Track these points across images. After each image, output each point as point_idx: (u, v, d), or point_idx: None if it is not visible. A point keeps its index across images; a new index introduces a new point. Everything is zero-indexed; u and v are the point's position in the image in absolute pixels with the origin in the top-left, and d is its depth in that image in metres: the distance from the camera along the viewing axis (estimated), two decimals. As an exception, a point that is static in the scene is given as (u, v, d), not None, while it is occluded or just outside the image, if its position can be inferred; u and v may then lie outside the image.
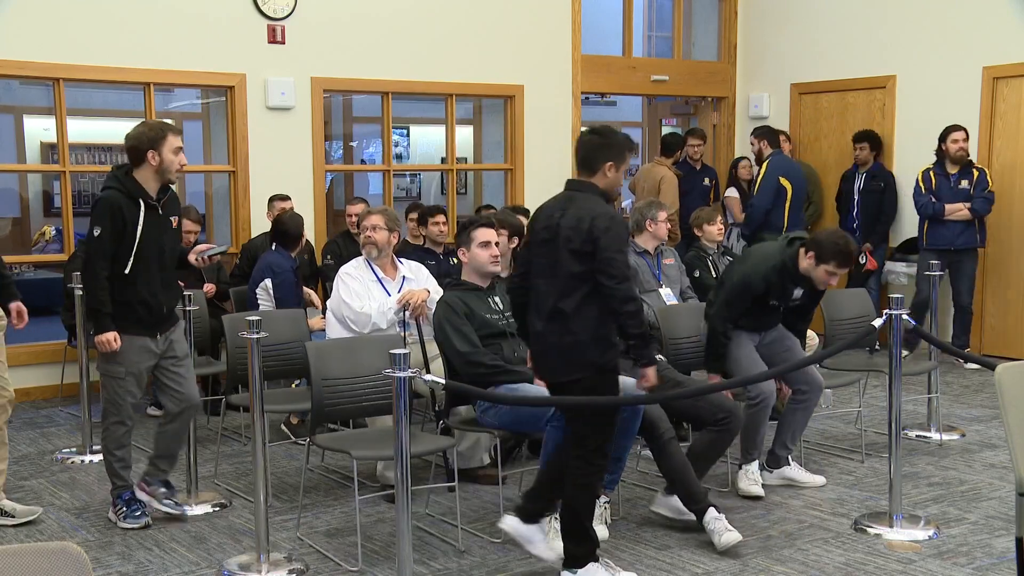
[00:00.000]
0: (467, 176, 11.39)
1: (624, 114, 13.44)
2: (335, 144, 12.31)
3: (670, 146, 9.51)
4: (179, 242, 4.89)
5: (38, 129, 10.30)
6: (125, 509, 4.70)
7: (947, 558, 4.27)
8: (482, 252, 4.82)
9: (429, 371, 5.20)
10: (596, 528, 4.11)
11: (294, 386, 6.13)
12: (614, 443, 4.35)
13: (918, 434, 6.12)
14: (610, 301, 3.81)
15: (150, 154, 4.51)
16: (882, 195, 8.69)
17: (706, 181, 9.65)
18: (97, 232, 4.47)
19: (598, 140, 3.98)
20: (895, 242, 8.83)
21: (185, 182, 9.17)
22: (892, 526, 4.56)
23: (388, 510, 4.83)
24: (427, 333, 5.30)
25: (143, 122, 4.77)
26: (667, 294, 6.13)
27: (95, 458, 5.75)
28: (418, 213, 7.26)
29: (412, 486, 3.59)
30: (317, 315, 6.36)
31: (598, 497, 4.16)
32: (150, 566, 4.25)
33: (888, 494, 4.66)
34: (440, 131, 9.80)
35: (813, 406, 5.14)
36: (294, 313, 5.72)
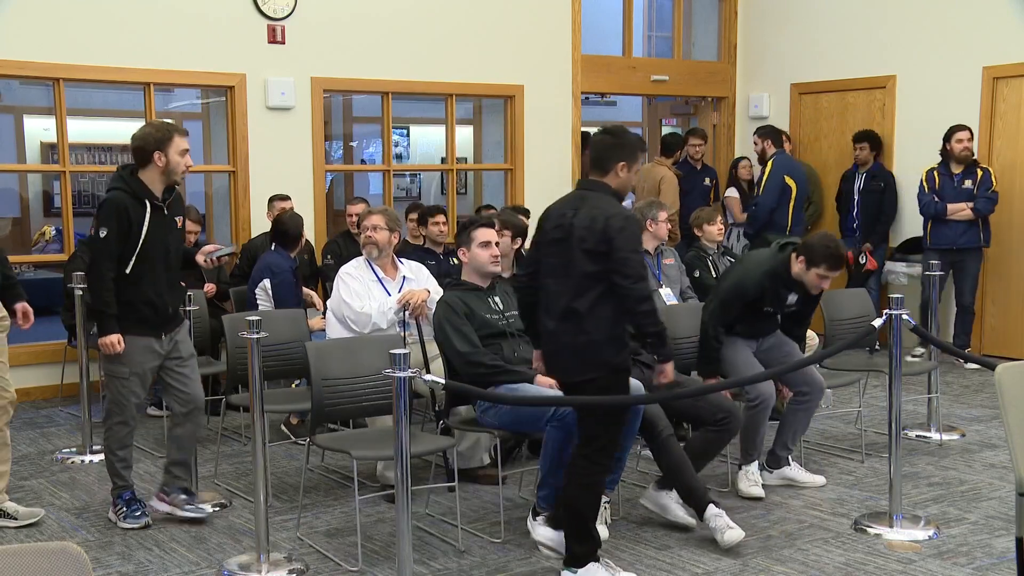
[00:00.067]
0: (467, 176, 11.39)
1: (624, 114, 13.42)
2: (335, 144, 12.31)
3: (670, 146, 9.52)
4: (183, 242, 4.88)
5: (38, 129, 10.30)
6: (125, 509, 4.70)
7: (947, 558, 4.27)
8: (482, 252, 4.82)
9: (429, 371, 5.20)
10: (597, 528, 4.11)
11: (294, 386, 6.12)
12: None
13: (918, 434, 6.12)
14: (626, 301, 3.82)
15: (156, 155, 4.49)
16: (882, 195, 8.69)
17: (706, 181, 9.66)
18: (103, 233, 4.45)
19: (611, 140, 3.97)
20: (895, 242, 8.83)
21: (185, 182, 9.06)
22: (892, 526, 4.56)
23: (388, 510, 4.84)
24: (427, 333, 5.30)
25: (150, 122, 4.75)
26: (667, 294, 6.13)
27: (95, 458, 5.76)
28: (418, 213, 7.26)
29: (412, 486, 3.59)
30: (317, 316, 6.36)
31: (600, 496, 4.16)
32: (150, 566, 4.25)
33: (888, 494, 4.66)
34: (440, 131, 9.80)
35: (814, 407, 5.14)
36: (294, 313, 5.72)
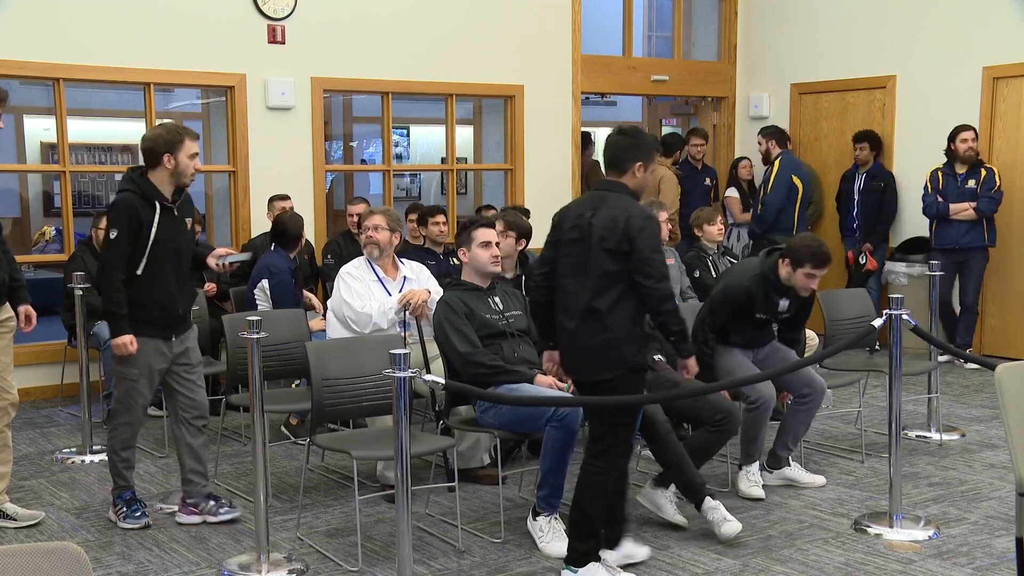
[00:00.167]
0: (467, 176, 11.38)
1: (624, 114, 13.39)
2: (335, 144, 12.31)
3: (670, 146, 9.52)
4: (194, 243, 4.87)
5: (38, 129, 10.28)
6: (125, 509, 4.70)
7: (947, 558, 4.27)
8: (482, 252, 4.82)
9: (429, 371, 5.20)
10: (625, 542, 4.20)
11: (294, 386, 6.12)
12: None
13: (918, 434, 6.12)
14: (649, 300, 3.85)
15: (166, 158, 4.48)
16: (882, 195, 8.70)
17: (707, 181, 9.67)
18: (113, 235, 4.45)
19: (627, 141, 3.99)
20: (895, 242, 8.83)
21: (186, 182, 9.14)
22: (892, 526, 4.56)
23: (388, 510, 4.84)
24: (427, 333, 5.30)
25: (161, 124, 4.74)
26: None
27: (95, 458, 5.76)
28: (418, 213, 7.26)
29: (412, 486, 3.59)
30: (316, 318, 6.36)
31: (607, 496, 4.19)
32: (150, 566, 4.25)
33: (888, 494, 4.66)
34: (440, 131, 9.79)
35: (816, 408, 5.14)
36: (294, 313, 5.71)
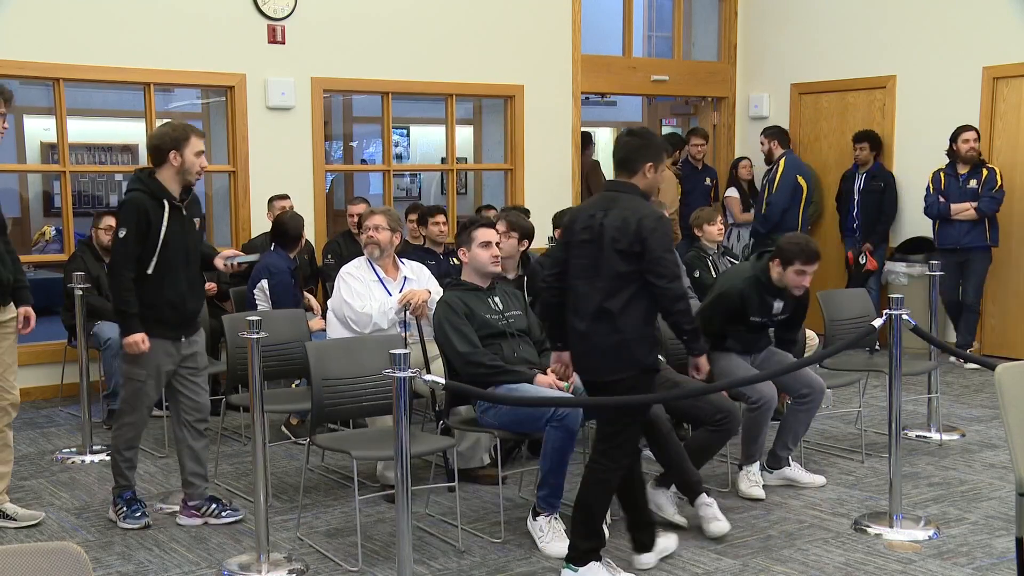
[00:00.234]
0: (467, 176, 11.38)
1: (624, 114, 13.40)
2: (335, 144, 12.30)
3: (670, 146, 9.52)
4: (202, 243, 4.87)
5: (38, 129, 10.28)
6: (125, 509, 4.70)
7: (947, 558, 4.27)
8: (482, 252, 4.82)
9: (429, 371, 5.20)
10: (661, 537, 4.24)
11: (294, 386, 6.12)
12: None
13: (918, 434, 6.12)
14: (662, 300, 3.88)
15: (172, 155, 4.48)
16: (882, 195, 8.70)
17: (707, 181, 9.67)
18: (122, 234, 4.44)
19: (638, 142, 4.04)
20: (895, 242, 8.83)
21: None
22: (892, 526, 4.56)
23: (388, 510, 4.83)
24: (428, 333, 5.30)
25: (167, 122, 4.73)
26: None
27: (95, 458, 5.77)
28: (418, 213, 7.25)
29: (412, 486, 3.59)
30: (315, 319, 6.36)
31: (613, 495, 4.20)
32: (150, 566, 4.25)
33: (888, 494, 4.66)
34: (440, 131, 9.79)
35: (816, 408, 5.14)
36: (294, 313, 5.71)
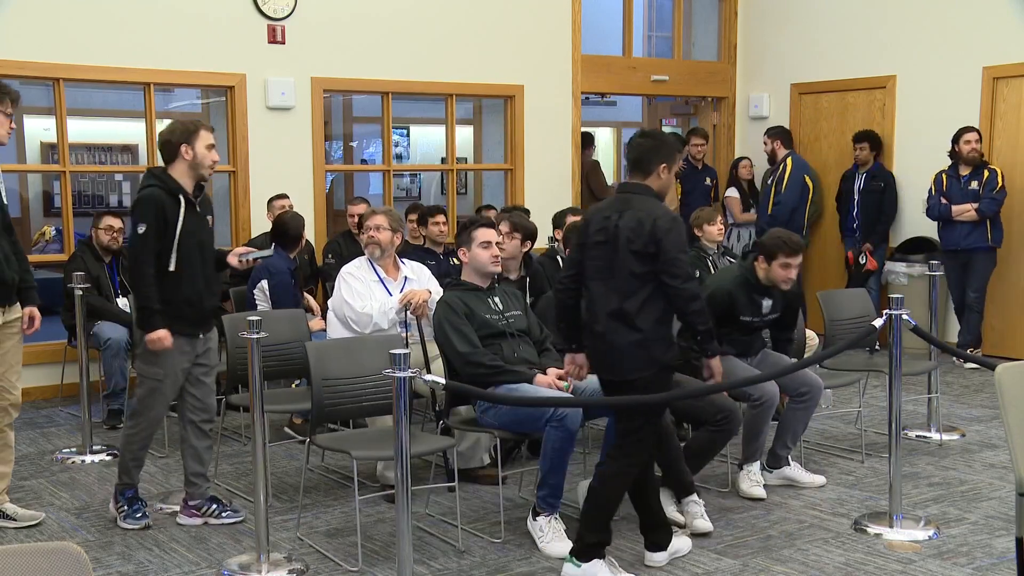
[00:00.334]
0: (467, 176, 11.38)
1: (624, 114, 13.40)
2: (335, 144, 12.30)
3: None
4: (214, 241, 4.86)
5: (38, 129, 10.27)
6: (127, 508, 4.69)
7: (947, 558, 4.27)
8: (482, 252, 4.81)
9: (429, 371, 5.20)
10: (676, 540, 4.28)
11: (294, 386, 6.12)
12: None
13: (918, 434, 6.12)
14: (676, 300, 3.91)
15: (183, 148, 4.48)
16: (882, 195, 8.70)
17: (707, 181, 9.67)
18: (142, 230, 4.41)
19: (651, 143, 4.08)
20: (895, 242, 8.83)
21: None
22: (892, 526, 4.56)
23: (388, 510, 4.83)
24: (428, 333, 5.30)
25: (176, 120, 4.75)
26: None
27: (95, 458, 5.77)
28: (418, 213, 7.26)
29: (412, 486, 3.60)
30: (315, 319, 6.36)
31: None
32: (150, 566, 4.25)
33: (888, 494, 4.66)
34: (440, 131, 9.79)
35: (814, 406, 5.15)
36: (294, 313, 5.71)
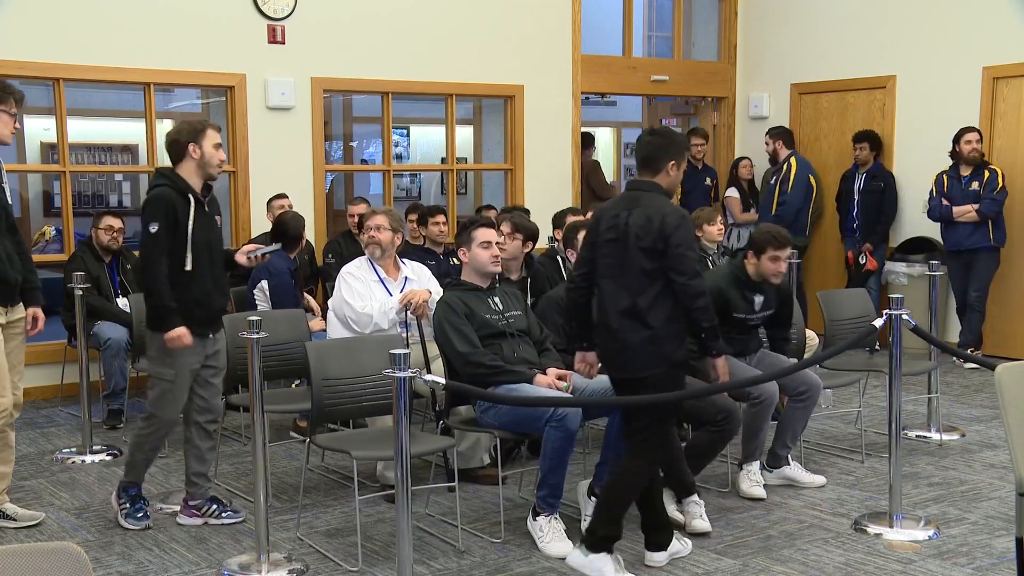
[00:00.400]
0: (467, 176, 11.38)
1: (624, 114, 13.39)
2: (335, 144, 12.29)
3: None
4: (223, 241, 4.85)
5: (38, 129, 10.26)
6: (129, 506, 4.68)
7: (947, 558, 4.27)
8: (482, 252, 4.81)
9: (430, 371, 5.19)
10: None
11: (294, 386, 6.12)
12: (617, 443, 4.38)
13: (918, 434, 6.12)
14: (681, 297, 3.93)
15: (191, 147, 4.48)
16: (882, 195, 8.70)
17: (707, 181, 9.67)
18: (154, 229, 4.40)
19: (661, 140, 4.12)
20: (895, 242, 8.83)
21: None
22: (892, 526, 4.56)
23: (388, 510, 4.83)
24: (428, 333, 5.30)
25: (183, 119, 4.74)
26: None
27: (95, 458, 5.77)
28: (418, 213, 7.26)
29: (412, 486, 3.60)
30: (315, 319, 6.36)
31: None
32: (150, 566, 4.25)
33: (888, 494, 4.66)
34: (440, 131, 9.79)
35: (813, 405, 5.15)
36: (294, 313, 5.71)
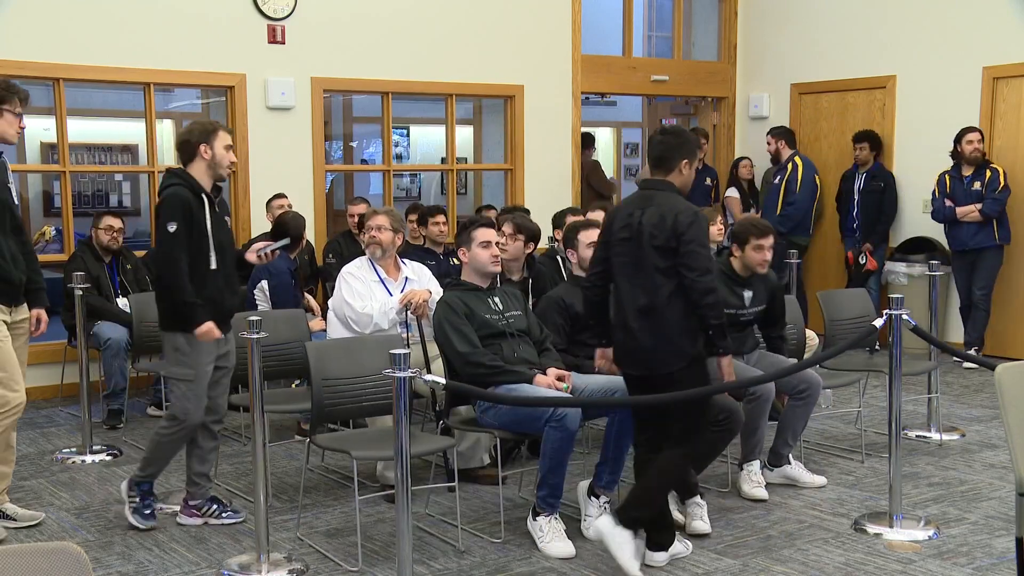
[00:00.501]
0: (467, 176, 11.38)
1: (624, 114, 13.40)
2: (335, 144, 12.30)
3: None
4: (234, 241, 4.85)
5: (38, 129, 10.26)
6: (139, 501, 4.66)
7: (947, 558, 4.27)
8: (482, 252, 4.81)
9: (430, 371, 5.19)
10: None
11: (294, 386, 6.12)
12: (617, 443, 4.38)
13: (918, 434, 6.12)
14: (691, 293, 3.96)
15: (202, 148, 4.48)
16: (882, 195, 8.71)
17: (707, 181, 9.66)
18: (173, 228, 4.39)
19: (673, 140, 4.19)
20: (895, 242, 8.83)
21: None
22: (892, 526, 4.56)
23: (388, 510, 4.84)
24: (428, 333, 5.30)
25: (194, 120, 4.76)
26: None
27: (95, 458, 5.77)
28: (418, 213, 7.26)
29: (412, 486, 3.60)
30: (315, 319, 6.36)
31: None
32: (150, 566, 4.25)
33: (888, 494, 4.66)
34: (440, 131, 9.79)
35: (813, 403, 5.15)
36: (294, 313, 5.71)
